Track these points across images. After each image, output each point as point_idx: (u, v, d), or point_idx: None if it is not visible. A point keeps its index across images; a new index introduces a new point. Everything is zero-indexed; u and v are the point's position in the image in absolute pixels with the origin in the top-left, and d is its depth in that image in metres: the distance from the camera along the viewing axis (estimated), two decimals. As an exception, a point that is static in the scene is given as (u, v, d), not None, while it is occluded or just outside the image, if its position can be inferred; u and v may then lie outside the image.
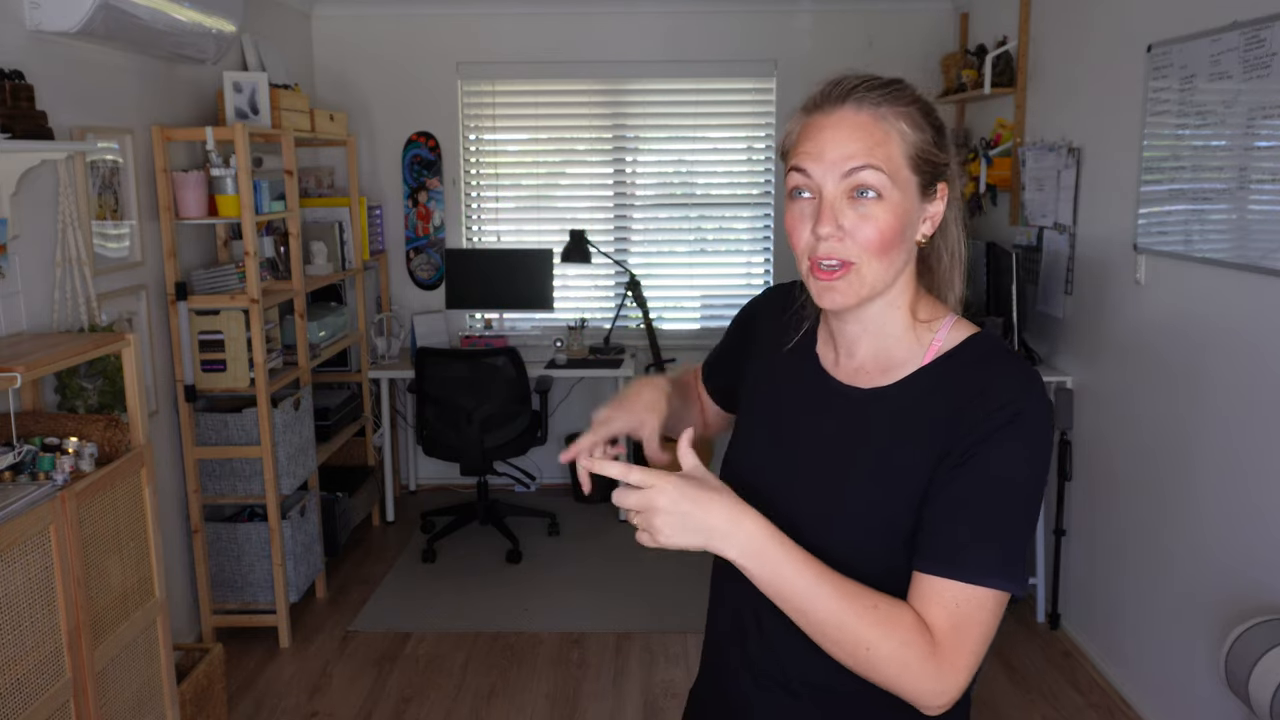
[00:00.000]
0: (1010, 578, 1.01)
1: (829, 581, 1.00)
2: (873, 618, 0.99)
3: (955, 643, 1.00)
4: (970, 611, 1.00)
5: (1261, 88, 2.37)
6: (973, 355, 1.10)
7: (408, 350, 4.82)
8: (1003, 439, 1.02)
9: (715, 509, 1.00)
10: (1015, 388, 1.04)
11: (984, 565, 1.01)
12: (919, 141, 1.06)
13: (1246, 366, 2.47)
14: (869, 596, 1.01)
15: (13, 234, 2.46)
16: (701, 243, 5.09)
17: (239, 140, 3.20)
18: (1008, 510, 1.02)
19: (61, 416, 2.34)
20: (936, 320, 1.13)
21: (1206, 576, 2.65)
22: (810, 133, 1.07)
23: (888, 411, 1.11)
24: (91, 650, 2.14)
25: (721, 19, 4.80)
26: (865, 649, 0.99)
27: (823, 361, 1.19)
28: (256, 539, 3.44)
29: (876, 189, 1.04)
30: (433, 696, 3.20)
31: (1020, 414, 1.02)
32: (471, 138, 4.97)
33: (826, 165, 1.04)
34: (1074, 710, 3.06)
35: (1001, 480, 1.02)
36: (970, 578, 1.00)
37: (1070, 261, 3.43)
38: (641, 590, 3.97)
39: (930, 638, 1.00)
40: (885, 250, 1.05)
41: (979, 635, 1.01)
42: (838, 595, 0.99)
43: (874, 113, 1.05)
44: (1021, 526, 1.03)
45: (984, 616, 1.01)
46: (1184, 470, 2.75)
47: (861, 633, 0.99)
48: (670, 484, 1.00)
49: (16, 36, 2.54)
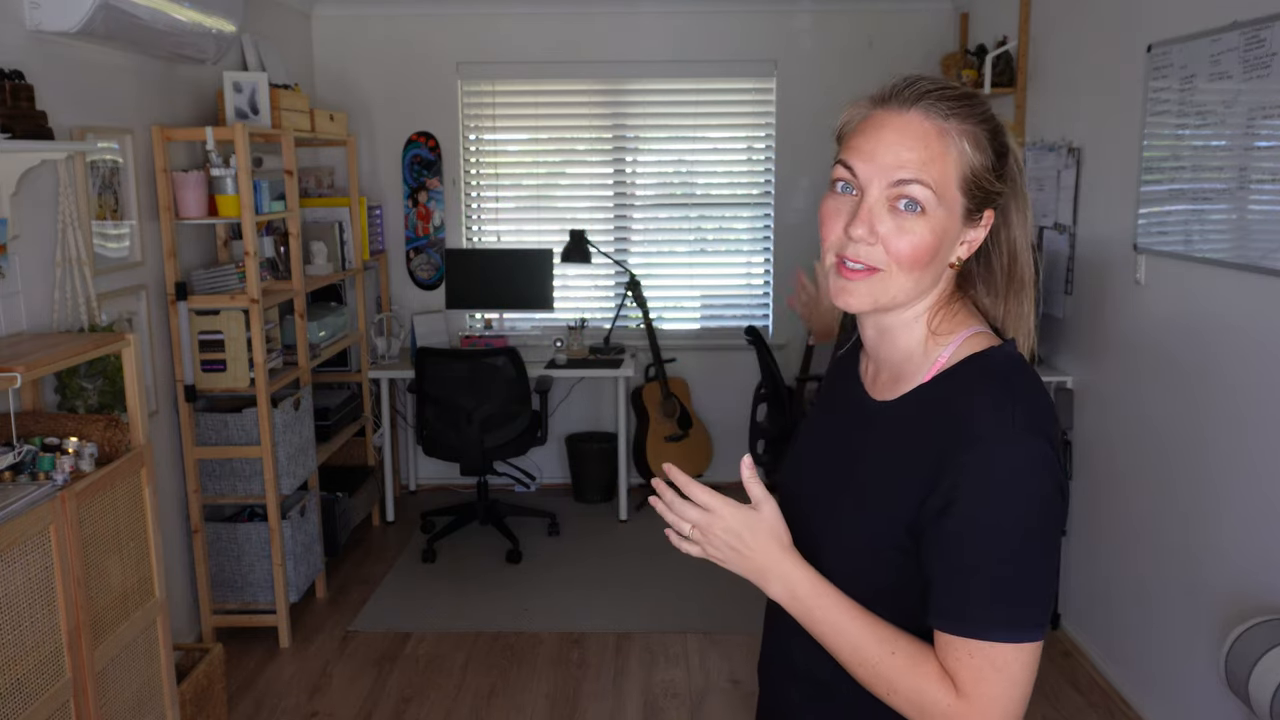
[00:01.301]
0: (1019, 628, 0.96)
1: (855, 625, 1.03)
2: (890, 663, 1.01)
3: (978, 694, 0.97)
4: (984, 665, 0.97)
5: (1261, 88, 2.37)
6: (967, 376, 1.04)
7: (408, 350, 4.81)
8: (978, 484, 0.97)
9: (759, 552, 1.06)
10: (987, 423, 0.98)
11: (988, 619, 0.97)
12: (976, 164, 1.02)
13: (1247, 367, 2.47)
14: (890, 642, 1.01)
15: (13, 234, 2.46)
16: (701, 243, 5.09)
17: (239, 140, 3.20)
18: (1004, 558, 0.96)
19: (61, 416, 2.34)
20: (951, 334, 1.07)
21: (1206, 576, 2.65)
22: (869, 128, 1.03)
23: (884, 429, 1.08)
24: (91, 650, 2.14)
25: (721, 19, 4.80)
26: (887, 691, 1.02)
27: (860, 367, 1.18)
28: (256, 539, 3.44)
29: (921, 204, 1.00)
30: (433, 696, 3.20)
31: (990, 454, 0.96)
32: (471, 138, 4.97)
33: (877, 168, 1.01)
34: (1074, 710, 3.06)
35: (989, 528, 0.96)
36: (975, 633, 0.97)
37: (1070, 261, 3.43)
38: (641, 590, 3.97)
39: (952, 689, 0.98)
40: (915, 266, 1.02)
41: (1003, 689, 0.97)
42: (861, 640, 1.02)
43: (940, 125, 1.01)
44: (1024, 572, 0.97)
45: (1004, 668, 0.96)
46: (1184, 470, 2.75)
47: (882, 674, 1.01)
48: (728, 516, 1.06)
49: (16, 36, 2.54)
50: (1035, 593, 0.98)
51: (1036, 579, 0.98)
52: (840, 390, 1.21)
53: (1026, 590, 0.97)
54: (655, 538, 4.48)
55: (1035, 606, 0.98)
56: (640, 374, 4.92)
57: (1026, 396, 1.00)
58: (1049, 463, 0.97)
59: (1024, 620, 0.97)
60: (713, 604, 3.81)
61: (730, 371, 5.06)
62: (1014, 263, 1.09)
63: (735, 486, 1.11)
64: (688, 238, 5.07)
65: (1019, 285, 1.09)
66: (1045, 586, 0.99)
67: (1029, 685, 0.98)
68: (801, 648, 1.12)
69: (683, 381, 4.96)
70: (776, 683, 1.22)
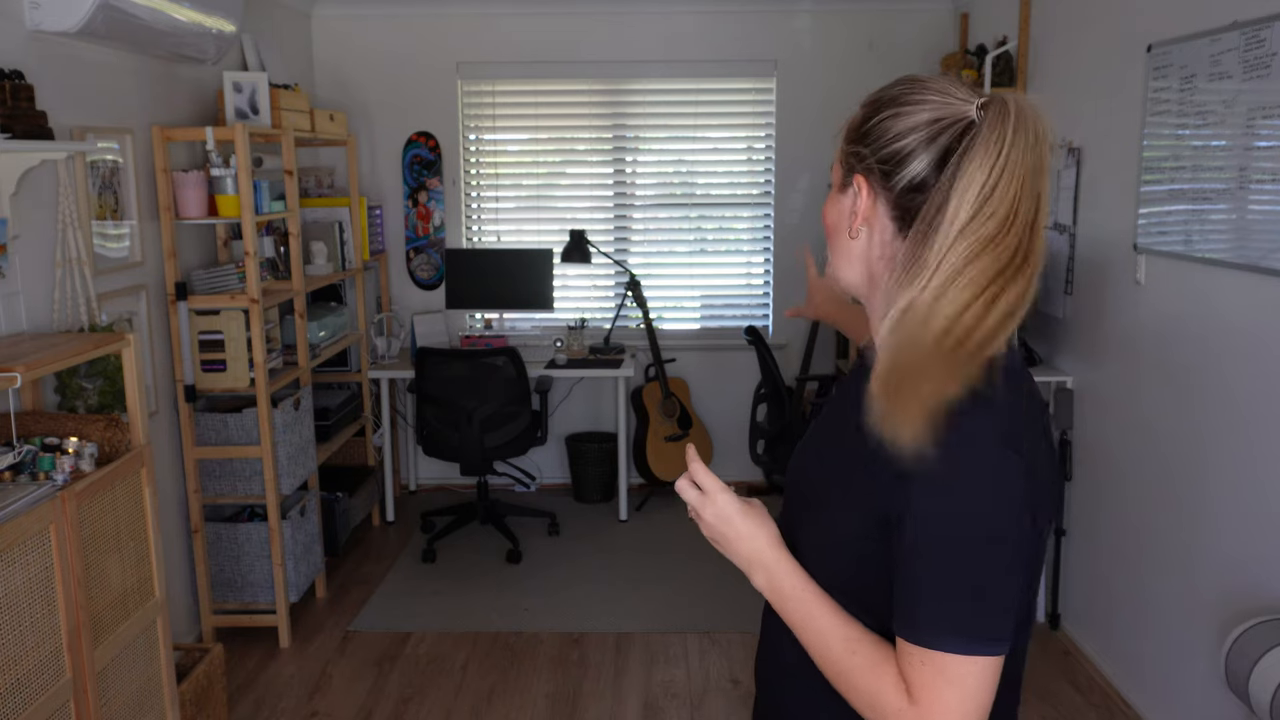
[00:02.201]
0: (971, 639, 0.94)
1: (824, 622, 1.05)
2: (850, 663, 1.02)
3: (929, 702, 0.96)
4: (935, 674, 0.95)
5: (1261, 88, 2.37)
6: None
7: (408, 350, 4.82)
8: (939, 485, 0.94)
9: (745, 540, 1.10)
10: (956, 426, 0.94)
11: (936, 628, 0.95)
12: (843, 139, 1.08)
13: (1247, 366, 2.47)
14: (854, 641, 1.03)
15: (13, 234, 2.46)
16: (701, 243, 5.09)
17: (239, 140, 3.20)
18: (950, 566, 0.94)
19: (61, 416, 2.34)
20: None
21: (1206, 576, 2.65)
22: None
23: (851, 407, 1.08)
24: (91, 650, 2.14)
25: (721, 19, 4.80)
26: (847, 689, 1.03)
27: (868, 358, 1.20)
28: (256, 539, 3.44)
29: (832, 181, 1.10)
30: (433, 696, 3.20)
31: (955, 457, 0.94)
32: (471, 138, 4.97)
33: None
34: (1074, 710, 3.06)
35: (939, 539, 0.94)
36: (923, 641, 0.95)
37: (1070, 262, 3.43)
38: (641, 590, 3.97)
39: (905, 694, 0.98)
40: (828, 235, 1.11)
41: (953, 700, 0.95)
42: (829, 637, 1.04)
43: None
44: (978, 585, 0.94)
45: (956, 680, 0.94)
46: (1184, 470, 2.75)
47: (843, 672, 1.03)
48: (720, 502, 1.11)
49: (16, 36, 2.54)
50: (996, 603, 0.95)
51: (996, 588, 0.95)
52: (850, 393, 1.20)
53: (987, 599, 0.94)
54: (655, 538, 4.48)
55: (994, 617, 0.95)
56: (640, 374, 4.92)
57: (1002, 405, 0.97)
58: (1016, 471, 0.95)
59: (977, 632, 0.94)
60: (713, 604, 3.81)
61: (730, 371, 5.07)
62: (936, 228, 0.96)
63: (736, 485, 1.12)
64: (688, 238, 5.07)
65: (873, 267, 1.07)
66: (1006, 594, 0.95)
67: (986, 698, 0.96)
68: (793, 644, 1.13)
69: (683, 381, 4.96)
70: (770, 681, 1.23)
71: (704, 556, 4.22)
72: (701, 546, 4.33)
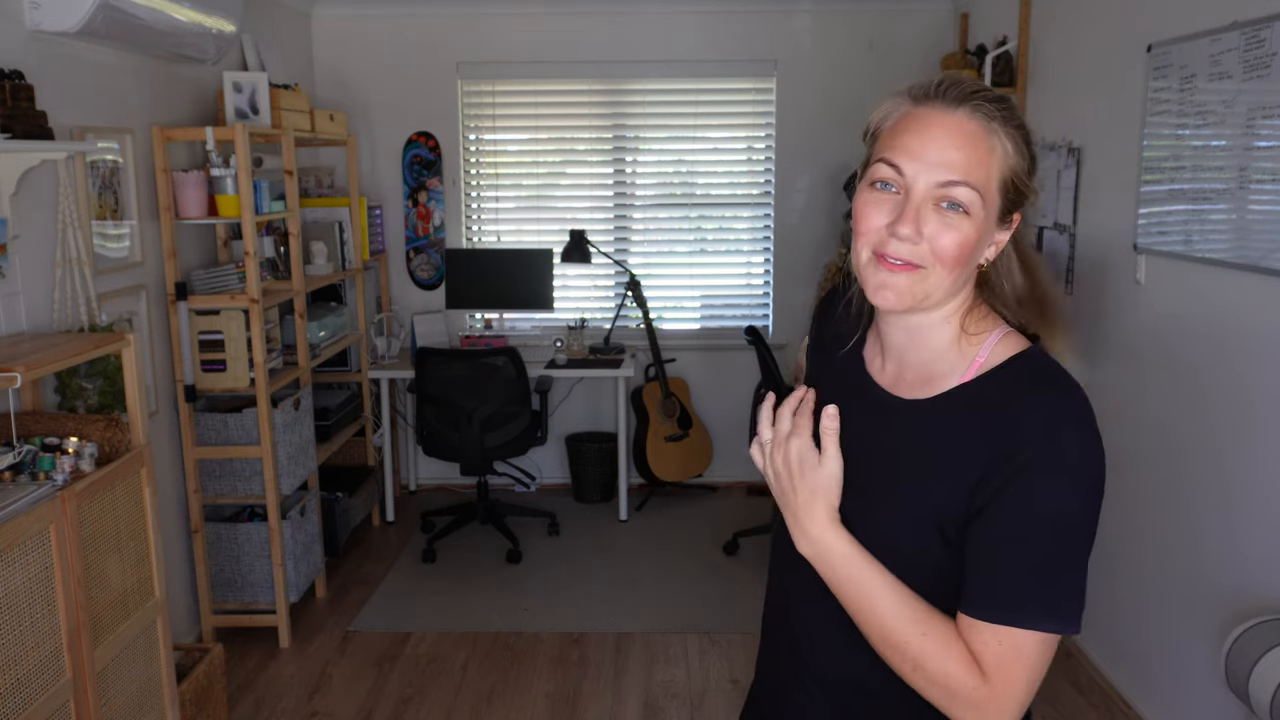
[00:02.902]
0: (1059, 620, 0.99)
1: (889, 599, 1.03)
2: (921, 645, 1.01)
3: (1002, 679, 0.99)
4: (1010, 651, 0.99)
5: (1261, 88, 2.37)
6: (1013, 376, 1.05)
7: (408, 350, 4.81)
8: (1034, 475, 0.98)
9: (803, 493, 1.07)
10: (1047, 419, 1.00)
11: (1030, 610, 0.98)
12: (1017, 166, 1.03)
13: (1247, 366, 2.47)
14: (923, 622, 1.02)
15: (13, 234, 2.46)
16: (701, 243, 5.09)
17: (239, 140, 3.20)
18: (1044, 548, 0.98)
19: (61, 416, 2.34)
20: (984, 334, 1.08)
21: (1206, 576, 2.65)
22: (914, 126, 1.02)
23: (922, 426, 1.07)
24: (91, 650, 2.14)
25: (721, 19, 4.80)
26: (911, 669, 1.02)
27: (868, 366, 1.17)
28: (256, 539, 3.44)
29: (965, 205, 1.00)
30: (433, 696, 3.20)
31: (1050, 448, 0.98)
32: (471, 138, 4.97)
33: (925, 166, 1.00)
34: (1074, 710, 3.07)
35: (1036, 518, 0.98)
36: (1003, 619, 0.98)
37: (1070, 261, 3.43)
38: (641, 590, 3.97)
39: (979, 672, 0.99)
40: (957, 265, 1.02)
41: (1023, 675, 0.99)
42: (895, 616, 1.02)
43: (987, 125, 1.01)
44: (1062, 564, 0.99)
45: (1032, 658, 0.99)
46: (1184, 470, 2.75)
47: (910, 654, 1.01)
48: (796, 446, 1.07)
49: (16, 36, 2.54)
50: (1068, 585, 0.99)
51: (1080, 569, 1.00)
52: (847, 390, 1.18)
53: (1062, 582, 0.99)
54: (655, 538, 4.48)
55: (1075, 598, 0.99)
56: (640, 374, 4.92)
57: (1079, 395, 1.03)
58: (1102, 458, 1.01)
59: (1063, 610, 0.99)
60: (713, 604, 3.81)
61: (730, 371, 5.06)
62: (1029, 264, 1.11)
63: (735, 486, 1.11)
64: (688, 238, 5.07)
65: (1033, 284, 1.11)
66: (1084, 577, 1.00)
67: (1044, 673, 1.01)
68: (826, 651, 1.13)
69: (683, 381, 4.96)
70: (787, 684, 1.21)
71: (704, 556, 4.22)
72: (702, 546, 4.33)
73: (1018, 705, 0.99)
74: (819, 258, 4.88)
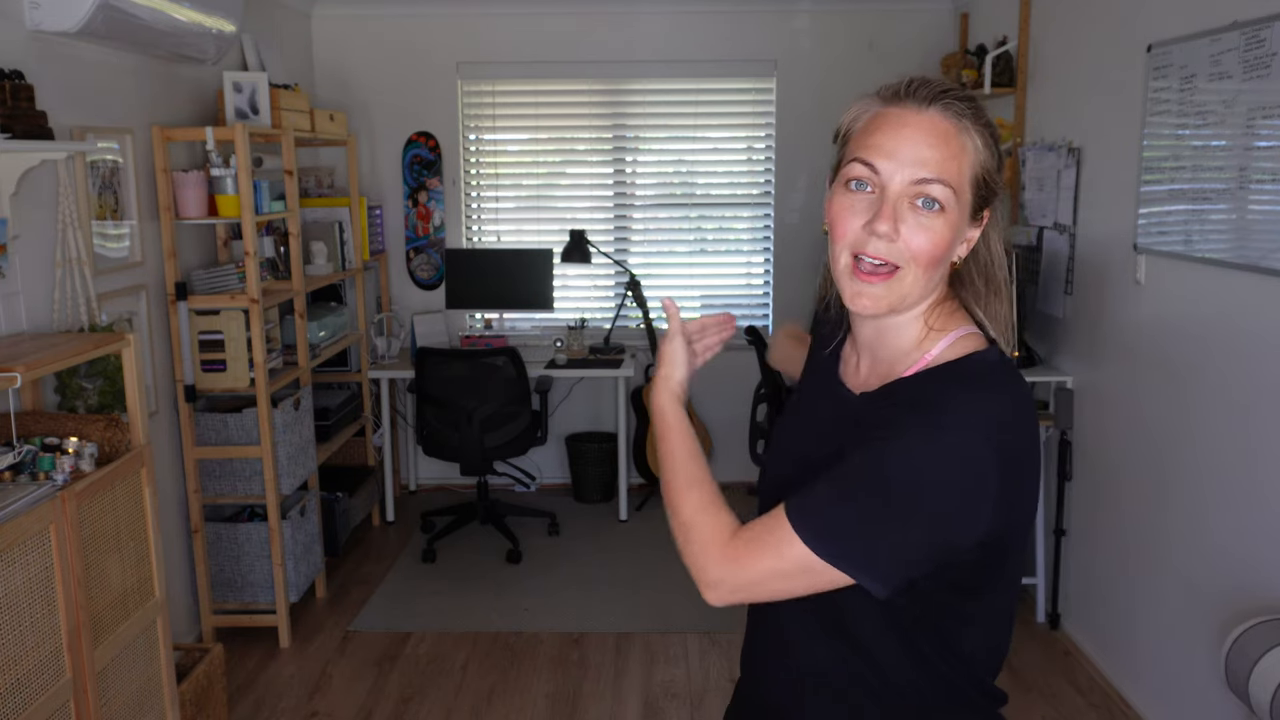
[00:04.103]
0: (817, 537, 0.98)
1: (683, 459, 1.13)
2: (687, 496, 1.09)
3: (743, 549, 1.03)
4: (766, 535, 1.02)
5: (1261, 88, 2.37)
6: (945, 372, 1.05)
7: (408, 350, 4.81)
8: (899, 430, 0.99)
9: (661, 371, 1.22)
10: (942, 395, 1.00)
11: (804, 513, 1.00)
12: (987, 163, 1.04)
13: (1246, 366, 2.47)
14: (701, 485, 1.10)
15: (13, 234, 2.46)
16: (701, 243, 5.09)
17: (239, 140, 3.20)
18: (861, 487, 0.98)
19: (61, 416, 2.34)
20: (944, 332, 1.09)
21: (1207, 576, 2.65)
22: (887, 125, 1.03)
23: (863, 420, 1.08)
24: (91, 650, 2.14)
25: (721, 19, 4.80)
26: (674, 513, 1.10)
27: (843, 365, 1.19)
28: (256, 539, 3.44)
29: (940, 202, 1.01)
30: (433, 696, 3.20)
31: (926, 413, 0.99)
32: (471, 138, 4.97)
33: (899, 164, 1.01)
34: (1074, 710, 3.07)
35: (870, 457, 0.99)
36: (790, 514, 1.01)
37: (1070, 261, 3.43)
38: (641, 590, 3.97)
39: (727, 535, 1.04)
40: (932, 264, 1.03)
41: (762, 559, 1.01)
42: (682, 469, 1.12)
43: (958, 123, 1.03)
44: (871, 510, 0.97)
45: (774, 546, 1.01)
46: (1184, 470, 2.75)
47: (678, 497, 1.10)
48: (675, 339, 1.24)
49: (16, 36, 2.54)
50: (873, 533, 0.98)
51: (870, 518, 0.98)
52: (819, 385, 1.23)
53: (848, 515, 0.99)
54: (655, 538, 4.48)
55: (862, 541, 0.98)
56: (640, 374, 4.92)
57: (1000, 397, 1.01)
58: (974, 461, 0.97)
59: (836, 540, 0.99)
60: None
61: (730, 371, 5.05)
62: (993, 264, 1.11)
63: (735, 486, 1.13)
64: (688, 238, 5.07)
65: (995, 286, 1.11)
66: (893, 536, 0.97)
67: (784, 585, 1.02)
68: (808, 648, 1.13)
69: (683, 381, 4.95)
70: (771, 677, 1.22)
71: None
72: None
73: (736, 568, 1.02)
74: (819, 258, 4.85)
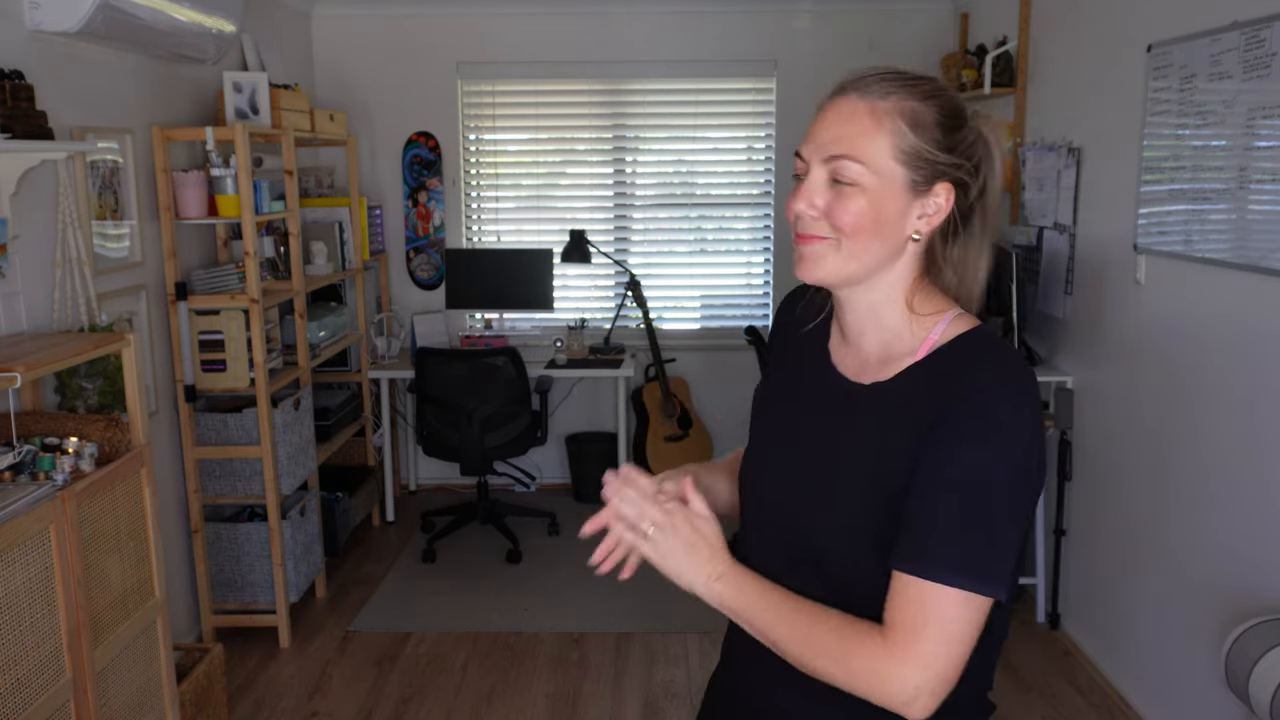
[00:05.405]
0: (973, 577, 0.99)
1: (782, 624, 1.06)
2: (817, 648, 1.04)
3: (908, 638, 0.99)
4: (925, 608, 0.99)
5: (1261, 88, 2.37)
6: (960, 350, 1.09)
7: (408, 350, 4.81)
8: (960, 437, 1.01)
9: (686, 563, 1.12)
10: (988, 387, 1.03)
11: (943, 562, 0.99)
12: (915, 138, 1.06)
13: (1246, 366, 2.47)
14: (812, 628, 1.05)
15: (13, 234, 2.46)
16: (701, 243, 5.09)
17: (239, 140, 3.20)
18: (975, 509, 1.00)
19: (61, 416, 2.34)
20: (936, 314, 1.12)
21: (1207, 576, 2.65)
22: (817, 117, 1.12)
23: (880, 409, 1.10)
24: (91, 650, 2.14)
25: (721, 19, 4.80)
26: (828, 676, 1.04)
27: (833, 357, 1.19)
28: (256, 539, 3.44)
29: (853, 179, 1.06)
30: (433, 696, 3.20)
31: (988, 414, 1.02)
32: (471, 138, 4.97)
33: (814, 147, 1.09)
34: (1074, 710, 3.07)
35: (969, 480, 1.00)
36: (926, 573, 0.99)
37: (1070, 261, 3.43)
38: (641, 590, 3.97)
39: (880, 640, 1.01)
40: (858, 233, 1.07)
41: (938, 632, 0.99)
42: (788, 635, 1.06)
43: (870, 104, 1.07)
44: (992, 527, 1.00)
45: (943, 614, 0.99)
46: (1184, 470, 2.76)
47: (816, 665, 1.04)
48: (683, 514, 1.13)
49: (16, 36, 2.54)
50: (998, 548, 1.00)
51: (1002, 535, 1.00)
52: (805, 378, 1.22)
53: (989, 543, 1.00)
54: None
55: (994, 561, 1.00)
56: (640, 374, 4.92)
57: (1020, 368, 1.06)
58: (1039, 423, 1.04)
59: (981, 571, 0.99)
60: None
61: (730, 371, 5.06)
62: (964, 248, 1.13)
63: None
64: (688, 238, 5.07)
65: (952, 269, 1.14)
66: (1012, 543, 1.01)
67: (966, 645, 1.00)
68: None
69: (683, 381, 4.96)
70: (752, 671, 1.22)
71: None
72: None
73: (921, 665, 0.99)
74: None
